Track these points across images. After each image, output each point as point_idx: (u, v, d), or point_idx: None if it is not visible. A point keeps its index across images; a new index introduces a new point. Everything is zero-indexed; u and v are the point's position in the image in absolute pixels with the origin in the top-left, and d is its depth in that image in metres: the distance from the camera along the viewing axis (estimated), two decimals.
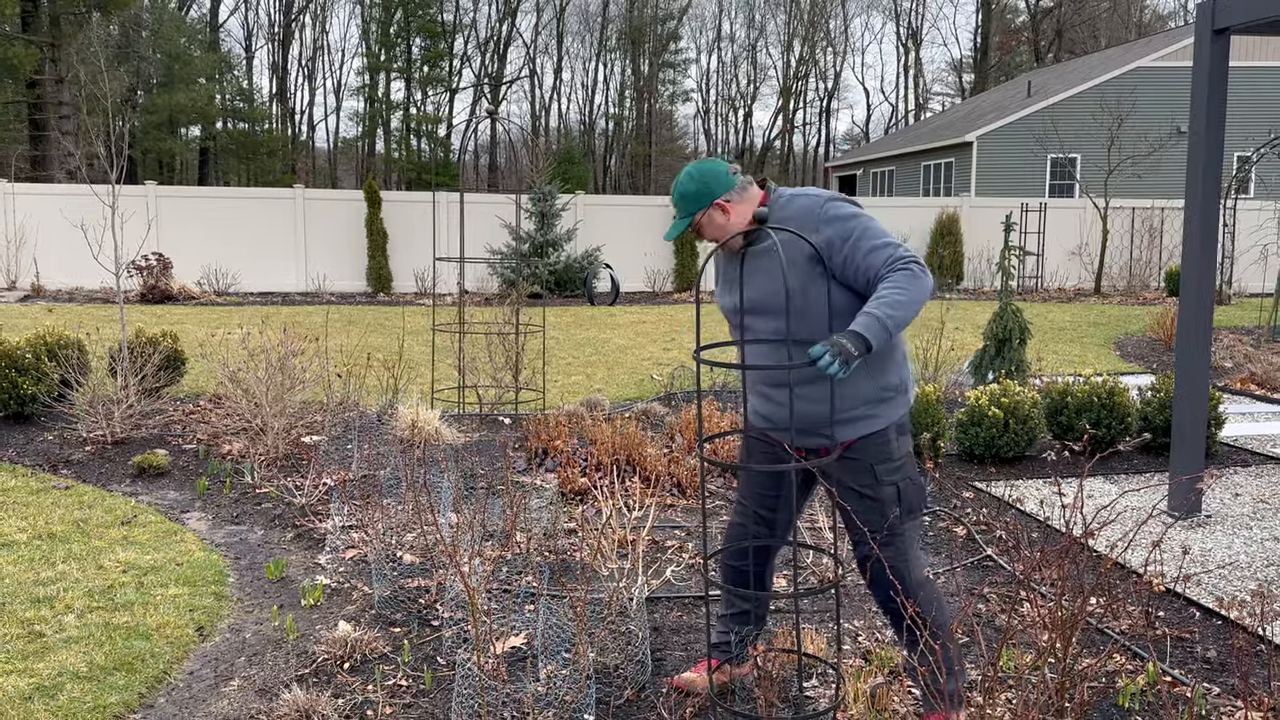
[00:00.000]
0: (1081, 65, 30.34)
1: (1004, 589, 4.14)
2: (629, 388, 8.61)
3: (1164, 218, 17.93)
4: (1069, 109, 25.10)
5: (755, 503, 3.12)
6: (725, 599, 3.32)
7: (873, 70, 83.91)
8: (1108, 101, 24.48)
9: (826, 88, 57.95)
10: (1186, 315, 5.03)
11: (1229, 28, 4.76)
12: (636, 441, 5.74)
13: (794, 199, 2.92)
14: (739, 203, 2.92)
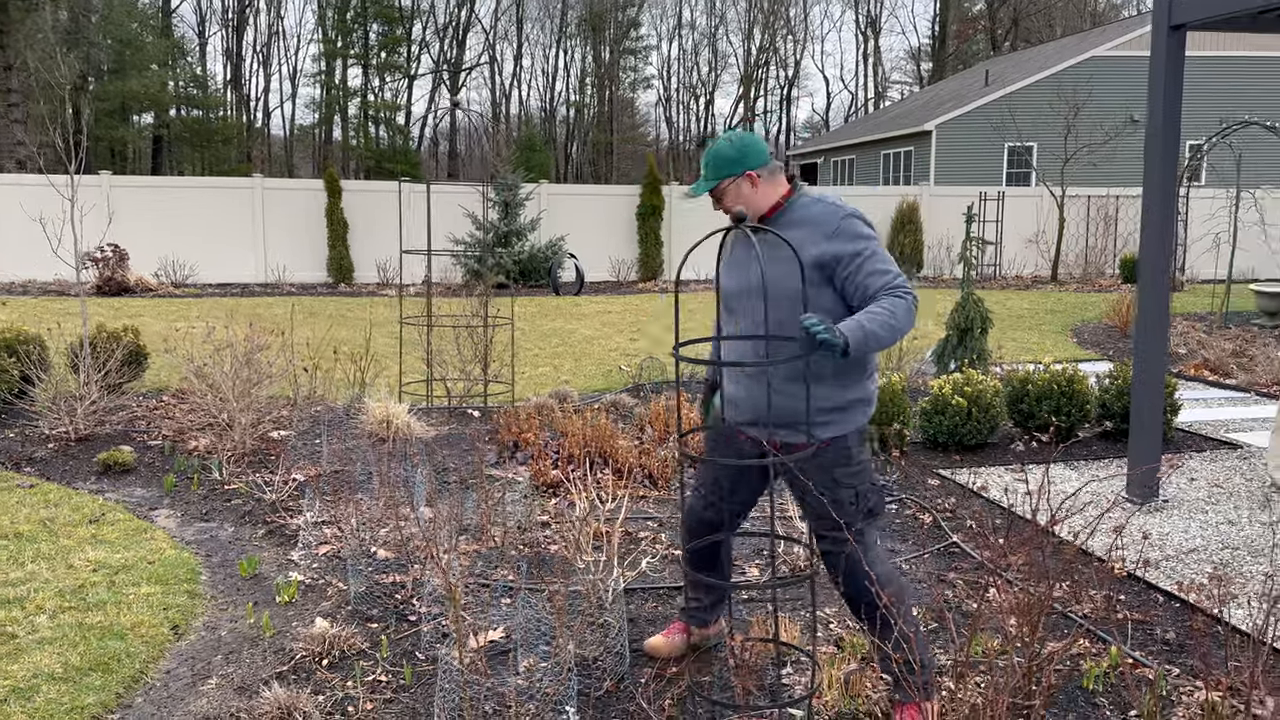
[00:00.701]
0: (1038, 54, 30.71)
1: (970, 575, 4.24)
2: (596, 379, 8.64)
3: (1119, 206, 18.25)
4: (1026, 98, 25.40)
5: (710, 490, 3.22)
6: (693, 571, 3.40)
7: (832, 58, 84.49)
8: (1064, 90, 24.81)
9: (787, 75, 58.15)
10: (1145, 305, 5.16)
11: (1185, 24, 4.87)
12: (607, 434, 5.78)
13: (816, 202, 2.98)
14: (766, 183, 2.99)
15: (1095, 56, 25.65)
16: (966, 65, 50.95)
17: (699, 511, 3.26)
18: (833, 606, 3.90)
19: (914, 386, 7.58)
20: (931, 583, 4.17)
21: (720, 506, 3.21)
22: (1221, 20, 4.83)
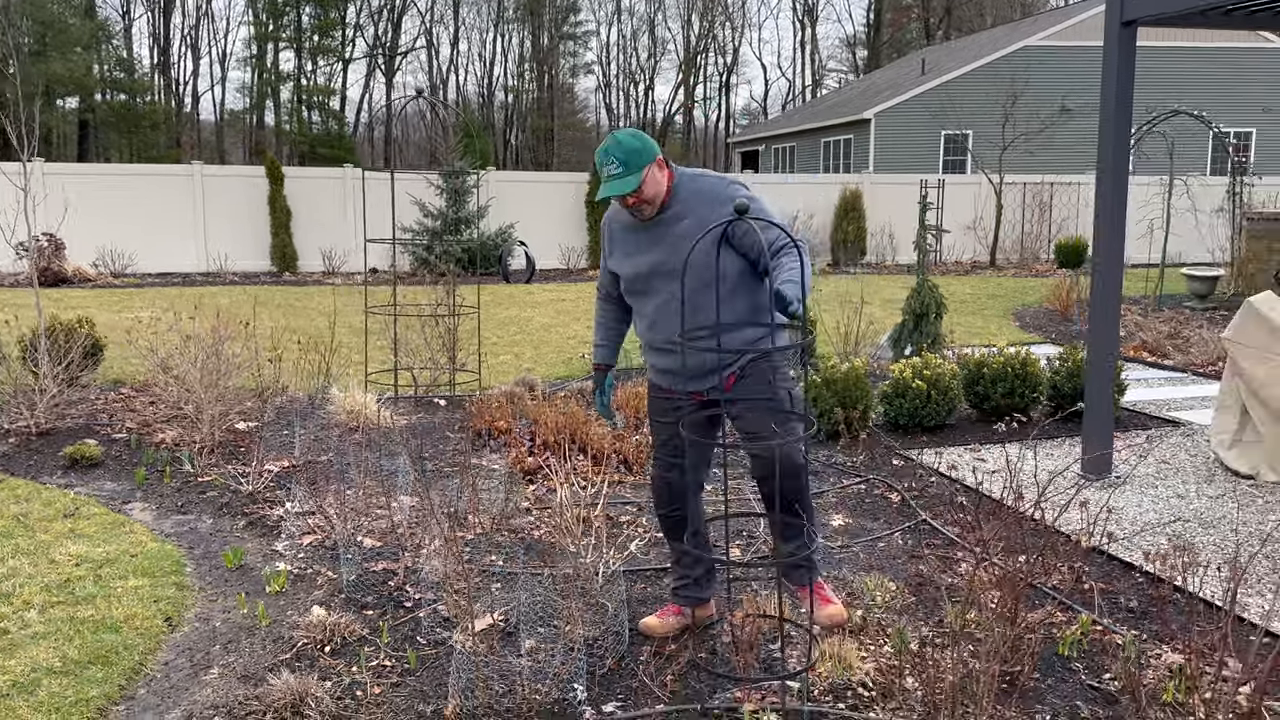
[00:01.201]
0: (972, 43, 31.31)
1: (942, 550, 4.41)
2: (558, 366, 8.70)
3: (1053, 192, 18.76)
4: (961, 86, 25.92)
5: (669, 453, 3.47)
6: (677, 549, 3.58)
7: (770, 46, 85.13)
8: (998, 79, 25.33)
9: (726, 63, 58.40)
10: (1098, 290, 5.39)
11: (1136, 20, 5.08)
12: (581, 420, 5.86)
13: (699, 177, 3.32)
14: (665, 167, 3.25)
15: (1028, 46, 26.24)
16: (901, 54, 51.69)
17: (663, 474, 3.49)
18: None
19: (871, 371, 7.77)
20: (905, 558, 4.33)
21: (681, 464, 3.44)
22: (1171, 15, 5.05)
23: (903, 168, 24.57)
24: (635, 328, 3.52)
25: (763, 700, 3.08)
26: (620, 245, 3.38)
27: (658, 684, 3.20)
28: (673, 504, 3.52)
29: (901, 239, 17.88)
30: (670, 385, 3.42)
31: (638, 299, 3.38)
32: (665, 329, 3.29)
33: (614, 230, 3.42)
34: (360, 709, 3.05)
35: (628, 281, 3.37)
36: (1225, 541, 4.48)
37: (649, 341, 3.40)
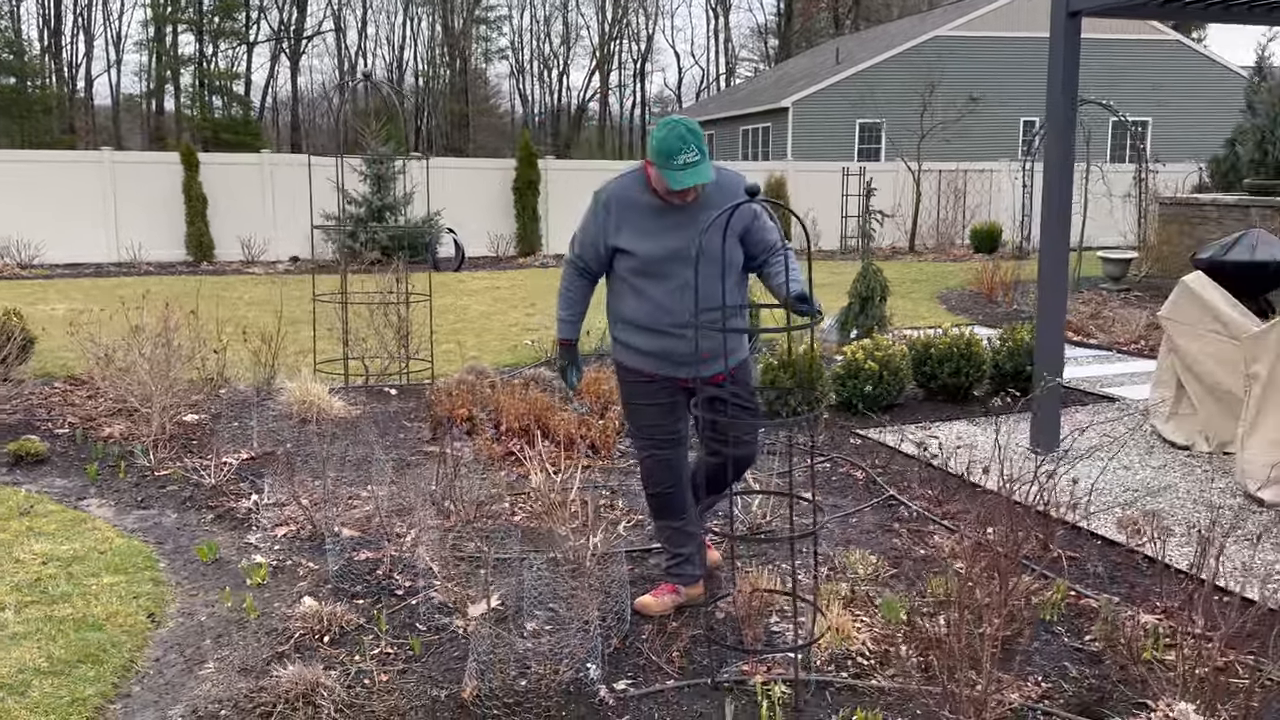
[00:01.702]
0: (885, 33, 31.95)
1: (913, 525, 4.56)
2: (504, 354, 8.66)
3: (966, 179, 19.30)
4: (875, 75, 26.44)
5: (658, 433, 3.53)
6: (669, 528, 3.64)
7: (683, 34, 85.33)
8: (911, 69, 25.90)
9: (640, 50, 58.44)
10: (1045, 273, 5.60)
11: (1080, 10, 5.28)
12: (544, 407, 5.86)
13: (719, 170, 3.40)
14: None
15: (939, 36, 26.91)
16: (812, 43, 52.42)
17: (655, 453, 3.54)
18: (791, 561, 4.13)
19: (819, 353, 7.92)
20: (879, 533, 4.46)
21: (673, 440, 3.54)
22: (1114, 6, 5.27)
23: (820, 155, 25.01)
24: (622, 309, 3.47)
25: (769, 672, 3.16)
26: (633, 224, 3.36)
27: (664, 660, 3.25)
28: (667, 482, 3.56)
29: (825, 225, 18.20)
30: (654, 369, 3.45)
31: (647, 281, 3.37)
32: (676, 313, 3.32)
33: (621, 208, 3.38)
34: (372, 696, 3.03)
35: (643, 262, 3.35)
36: (1173, 509, 4.72)
37: (647, 323, 3.40)
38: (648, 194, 3.37)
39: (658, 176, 3.29)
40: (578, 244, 3.52)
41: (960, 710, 2.80)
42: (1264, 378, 4.75)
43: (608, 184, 3.48)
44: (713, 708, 2.98)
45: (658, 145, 3.21)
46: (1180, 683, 2.96)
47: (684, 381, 3.48)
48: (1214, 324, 5.60)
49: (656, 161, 3.23)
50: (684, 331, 3.30)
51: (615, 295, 3.52)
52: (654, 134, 3.25)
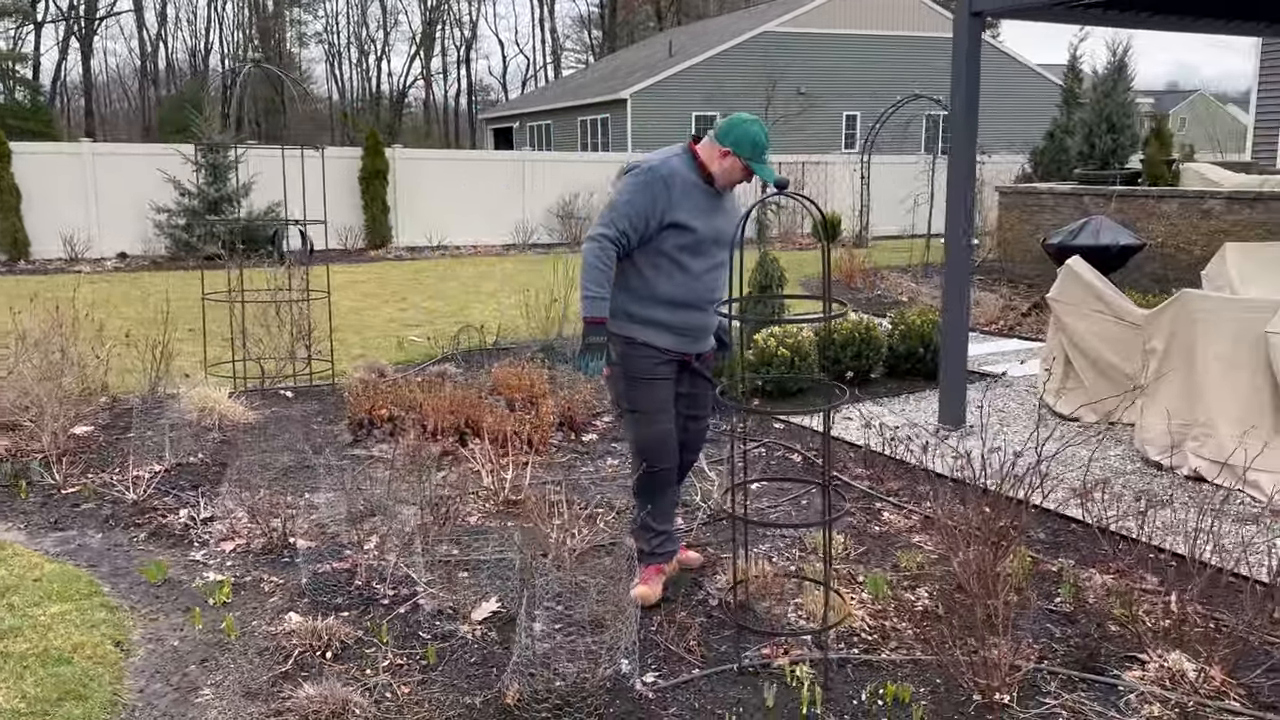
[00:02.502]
0: (717, 27, 32.68)
1: (861, 503, 4.75)
2: (392, 350, 8.41)
3: (804, 171, 20.03)
4: (709, 69, 27.07)
5: (665, 409, 3.64)
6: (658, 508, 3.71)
7: (506, 22, 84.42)
8: (743, 63, 26.68)
9: (464, 37, 57.46)
10: (952, 263, 5.93)
11: (983, 11, 5.61)
12: (471, 404, 5.74)
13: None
14: None
15: (768, 32, 27.79)
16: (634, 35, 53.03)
17: (663, 430, 3.64)
18: (767, 543, 4.24)
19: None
20: (832, 513, 4.63)
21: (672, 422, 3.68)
22: (1014, 8, 5.63)
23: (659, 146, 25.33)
24: (660, 286, 3.51)
25: (786, 654, 3.24)
26: (692, 201, 3.49)
27: (683, 649, 3.28)
28: (667, 458, 3.66)
29: None
30: (676, 346, 3.59)
31: (693, 258, 3.51)
32: (707, 291, 3.57)
33: (683, 186, 3.49)
34: (404, 711, 2.92)
35: (694, 239, 3.49)
36: (1080, 477, 5.10)
37: (685, 299, 3.53)
38: (696, 175, 3.53)
39: (731, 164, 3.49)
40: (621, 219, 3.45)
41: (982, 675, 2.96)
42: (1160, 353, 5.20)
43: (653, 162, 3.54)
44: (747, 692, 3.04)
45: (752, 138, 3.44)
46: (1164, 634, 3.24)
47: (689, 357, 3.65)
48: (1097, 304, 6.08)
49: (746, 153, 3.45)
50: (708, 308, 3.57)
51: (654, 272, 3.52)
52: (740, 127, 3.47)
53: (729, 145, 3.47)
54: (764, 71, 24.26)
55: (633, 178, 3.52)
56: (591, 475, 5.17)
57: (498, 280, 13.12)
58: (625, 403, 3.65)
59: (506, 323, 9.49)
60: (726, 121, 3.53)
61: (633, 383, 3.60)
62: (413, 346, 8.67)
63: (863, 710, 2.95)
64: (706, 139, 3.58)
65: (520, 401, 6.01)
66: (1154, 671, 3.08)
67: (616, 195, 3.54)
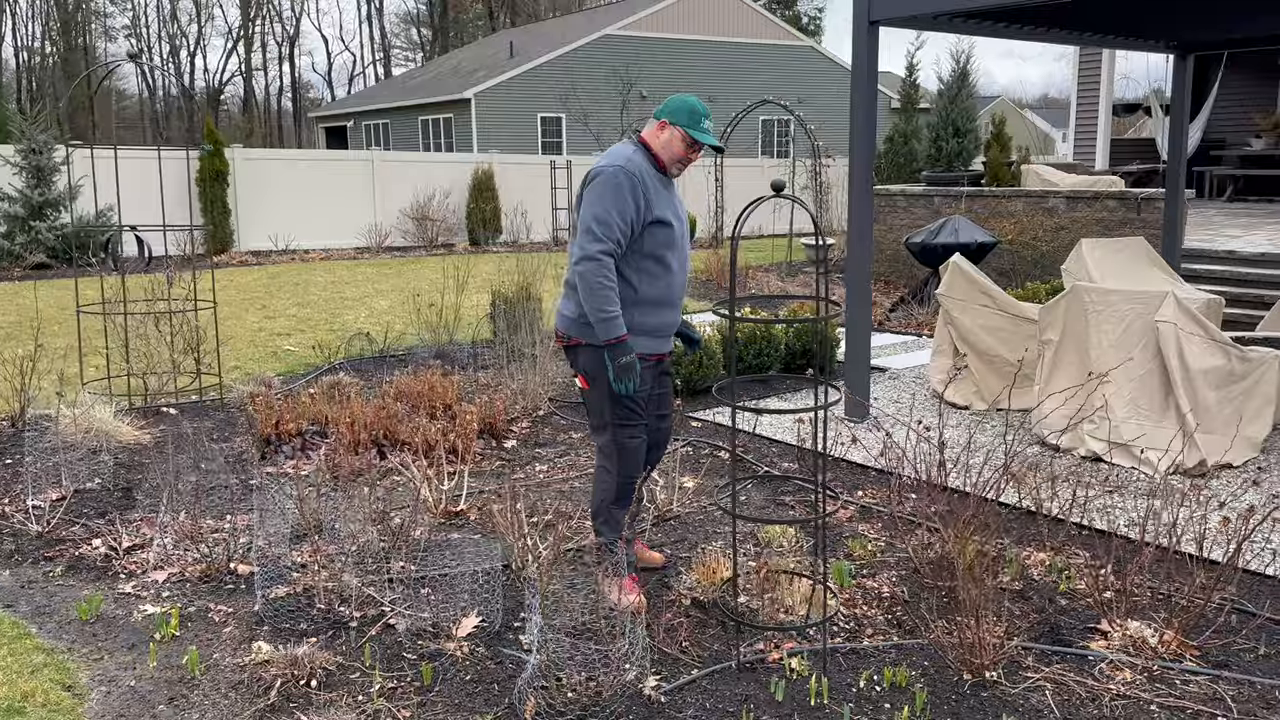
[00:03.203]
0: (558, 28, 32.63)
1: (798, 496, 4.88)
2: (266, 361, 8.02)
3: None
4: (553, 70, 27.05)
5: (641, 416, 3.63)
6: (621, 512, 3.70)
7: (329, 17, 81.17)
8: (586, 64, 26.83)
9: (286, 32, 55.17)
10: (853, 264, 6.16)
11: (879, 20, 5.86)
12: (390, 415, 5.56)
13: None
14: None
15: (610, 35, 27.99)
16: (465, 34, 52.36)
17: (640, 437, 3.64)
18: (720, 540, 4.30)
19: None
20: (771, 507, 4.74)
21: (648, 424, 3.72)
22: (908, 19, 5.90)
23: (506, 147, 25.15)
24: (646, 288, 3.47)
25: (778, 648, 3.30)
26: (659, 197, 3.47)
27: (677, 649, 3.30)
28: (641, 465, 3.69)
29: (535, 217, 18.40)
30: (653, 349, 3.59)
31: (671, 253, 3.50)
32: (681, 286, 3.58)
33: (651, 182, 3.45)
34: None
35: (670, 234, 3.48)
36: (985, 460, 5.42)
37: (666, 298, 3.53)
38: (654, 168, 3.51)
39: (670, 136, 3.48)
40: (614, 228, 3.34)
41: (976, 655, 3.11)
42: (1055, 343, 5.57)
43: (619, 163, 3.42)
44: (753, 688, 3.08)
45: (689, 107, 3.47)
46: (1114, 606, 3.49)
47: (662, 357, 3.68)
48: (984, 299, 6.46)
49: (687, 122, 3.45)
50: (680, 305, 3.62)
51: (638, 275, 3.45)
52: (676, 98, 3.51)
53: (666, 117, 3.49)
54: (609, 74, 24.51)
55: (605, 183, 3.39)
56: (524, 482, 5.09)
57: (361, 285, 12.71)
58: (610, 417, 3.55)
59: (384, 328, 9.22)
60: (665, 101, 3.58)
61: (619, 396, 3.51)
62: (290, 356, 8.30)
63: (864, 696, 3.04)
64: (649, 124, 3.60)
65: (439, 410, 5.85)
66: (1118, 640, 3.32)
67: (596, 206, 3.38)
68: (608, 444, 3.64)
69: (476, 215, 17.52)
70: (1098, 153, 14.49)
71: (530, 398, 6.36)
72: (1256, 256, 9.38)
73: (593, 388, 3.56)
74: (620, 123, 18.76)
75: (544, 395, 6.47)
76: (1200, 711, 2.93)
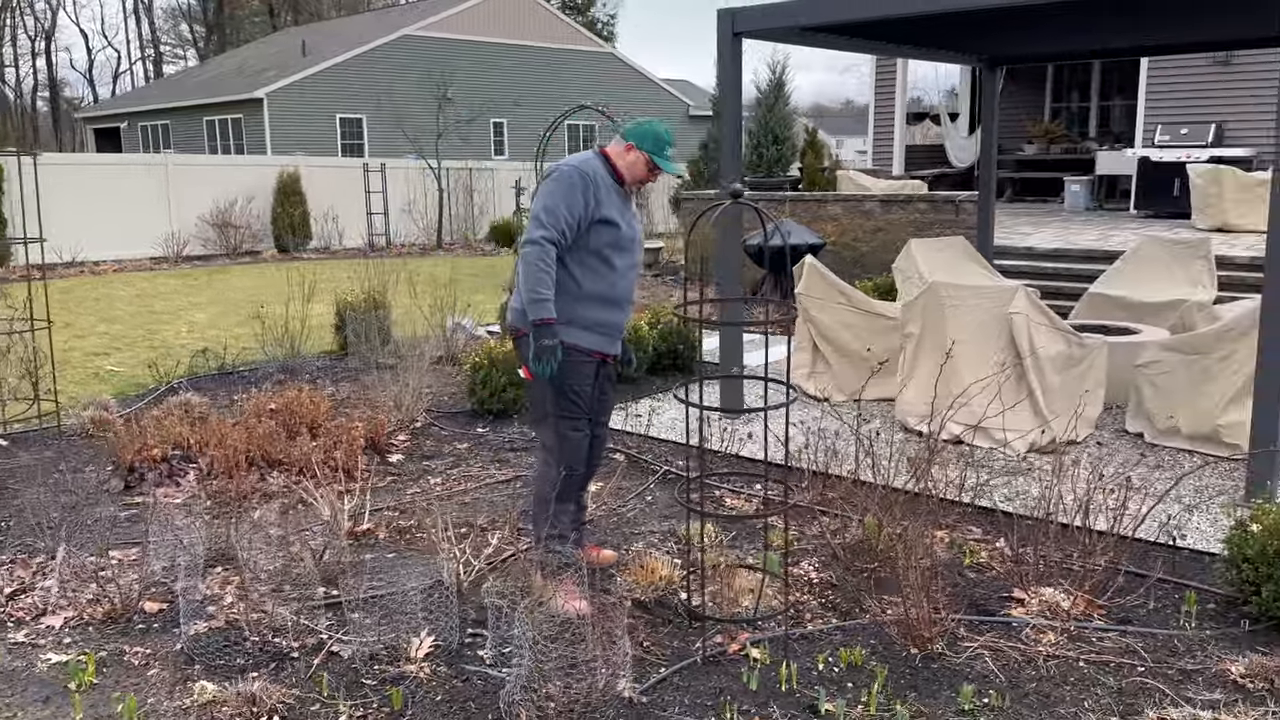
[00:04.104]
0: (353, 27, 31.57)
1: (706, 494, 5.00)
2: (89, 384, 7.43)
3: (473, 178, 20.04)
4: (351, 71, 26.23)
5: (587, 413, 3.76)
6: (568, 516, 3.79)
7: (89, 10, 74.80)
8: (387, 65, 26.18)
9: (41, 26, 50.62)
10: (723, 267, 6.37)
11: (742, 33, 6.09)
12: (265, 435, 5.28)
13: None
14: None
15: (407, 35, 27.40)
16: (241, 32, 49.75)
17: (584, 433, 3.75)
18: (654, 535, 4.37)
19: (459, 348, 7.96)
20: (679, 505, 4.84)
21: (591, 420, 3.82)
22: (767, 32, 6.17)
23: (304, 149, 24.15)
24: (592, 285, 3.61)
25: (734, 639, 3.40)
26: (611, 200, 3.62)
27: (641, 649, 3.33)
28: (584, 463, 3.81)
29: (347, 222, 17.76)
30: (601, 347, 3.70)
31: (619, 254, 3.64)
32: (632, 289, 3.74)
33: (604, 184, 3.62)
34: None
35: (618, 237, 3.62)
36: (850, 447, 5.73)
37: (613, 296, 3.64)
38: (611, 177, 3.66)
39: (635, 159, 3.66)
40: (559, 219, 3.51)
41: (926, 629, 3.33)
42: (916, 337, 5.97)
43: (575, 163, 3.62)
44: (725, 680, 3.16)
45: (656, 134, 3.67)
46: (1024, 576, 3.80)
47: (608, 357, 3.78)
48: (839, 297, 6.83)
49: (653, 149, 3.64)
50: (629, 307, 3.74)
51: (583, 270, 3.60)
52: (645, 124, 3.67)
53: (633, 141, 3.67)
54: (417, 76, 24.00)
55: (558, 180, 3.59)
56: (423, 496, 4.97)
57: (171, 298, 11.90)
58: (552, 408, 3.67)
59: (212, 343, 8.69)
60: (633, 122, 3.74)
61: (561, 387, 3.63)
62: (114, 377, 7.70)
63: (826, 678, 3.19)
64: (614, 141, 3.74)
65: (311, 428, 5.60)
66: (1035, 606, 3.62)
67: (547, 199, 3.57)
68: (549, 436, 3.74)
69: (284, 221, 16.74)
70: (895, 158, 15.52)
71: (405, 410, 6.19)
72: (1051, 252, 10.35)
73: (536, 380, 3.60)
74: (436, 126, 18.36)
75: (419, 407, 6.31)
76: (1121, 663, 3.25)
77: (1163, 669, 3.22)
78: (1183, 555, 4.11)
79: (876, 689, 3.07)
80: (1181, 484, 4.87)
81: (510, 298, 3.82)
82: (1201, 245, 8.05)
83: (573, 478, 3.73)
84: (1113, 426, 6.07)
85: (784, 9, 5.91)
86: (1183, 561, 4.05)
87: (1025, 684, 3.15)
